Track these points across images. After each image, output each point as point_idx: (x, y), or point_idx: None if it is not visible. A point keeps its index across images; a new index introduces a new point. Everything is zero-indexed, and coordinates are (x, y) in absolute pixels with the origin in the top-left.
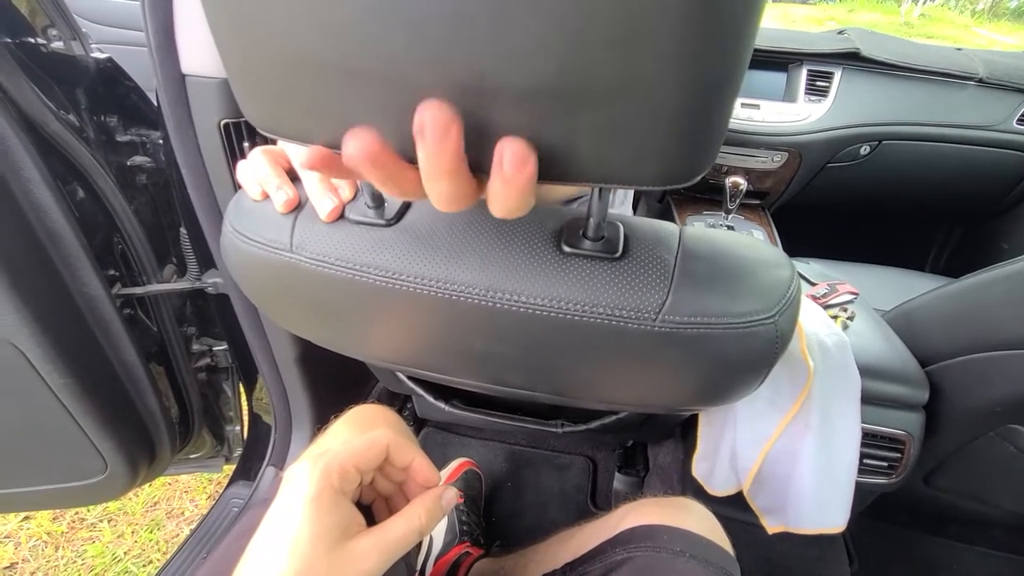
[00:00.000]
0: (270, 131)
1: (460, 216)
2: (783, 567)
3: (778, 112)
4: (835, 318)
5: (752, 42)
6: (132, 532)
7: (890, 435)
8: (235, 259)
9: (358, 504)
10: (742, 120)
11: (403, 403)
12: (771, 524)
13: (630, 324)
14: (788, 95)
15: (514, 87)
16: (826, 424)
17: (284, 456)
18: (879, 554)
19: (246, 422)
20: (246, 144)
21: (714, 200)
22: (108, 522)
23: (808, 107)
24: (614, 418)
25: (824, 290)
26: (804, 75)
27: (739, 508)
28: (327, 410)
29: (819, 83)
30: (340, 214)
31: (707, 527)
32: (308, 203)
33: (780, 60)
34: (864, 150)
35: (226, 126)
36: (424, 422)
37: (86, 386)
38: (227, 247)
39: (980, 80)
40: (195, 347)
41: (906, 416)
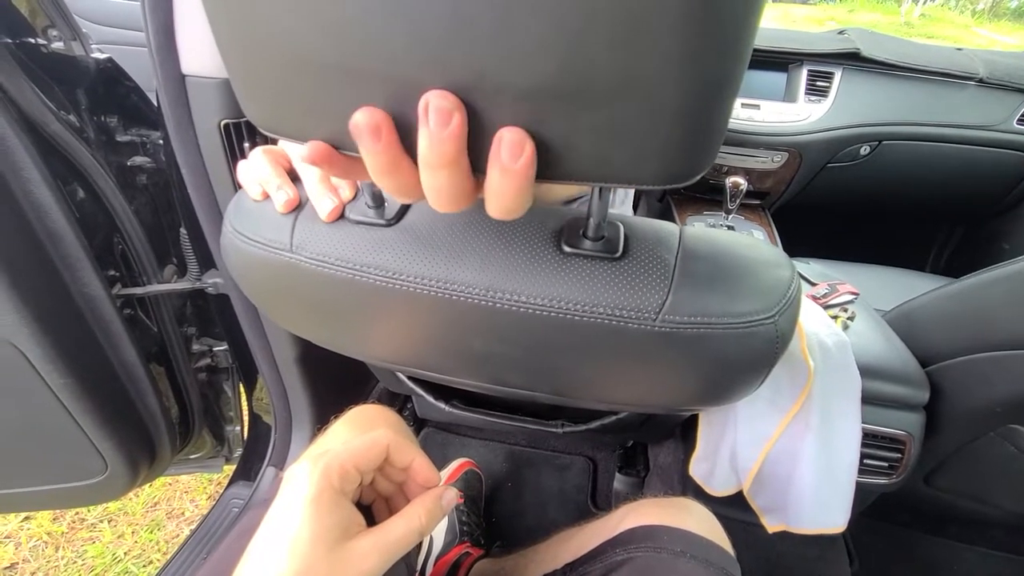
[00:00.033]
0: (271, 130)
1: (460, 216)
2: (783, 567)
3: (778, 112)
4: (835, 318)
5: (752, 42)
6: (132, 532)
7: (890, 435)
8: (235, 259)
9: (358, 504)
10: (742, 120)
11: (403, 403)
12: (771, 523)
13: (630, 324)
14: (788, 95)
15: (514, 87)
16: (826, 424)
17: (284, 456)
18: (879, 554)
19: (246, 422)
20: (246, 144)
21: (714, 200)
22: (108, 522)
23: (808, 107)
24: (614, 418)
25: (824, 290)
26: (804, 75)
27: (739, 508)
28: (327, 410)
29: (819, 83)
30: (340, 214)
31: (707, 527)
32: (308, 203)
33: (780, 60)
34: (864, 150)
35: (226, 126)
36: (424, 422)
37: (86, 386)
38: (227, 247)
39: (980, 80)
40: (195, 347)
41: (906, 416)
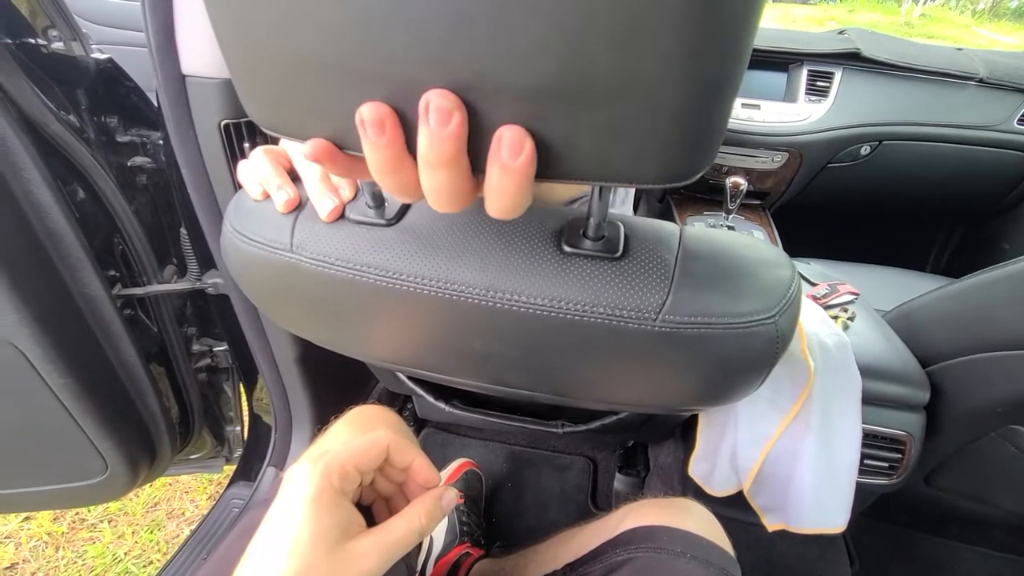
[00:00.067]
0: (272, 129)
1: (460, 216)
2: (783, 567)
3: (778, 112)
4: (836, 318)
5: (752, 41)
6: (132, 533)
7: (891, 435)
8: (235, 259)
9: (358, 505)
10: (742, 120)
11: (403, 403)
12: (771, 523)
13: (630, 324)
14: (788, 95)
15: (514, 86)
16: (827, 424)
17: (284, 456)
18: (880, 554)
19: (246, 422)
20: (246, 144)
21: (715, 200)
22: (108, 523)
23: (808, 107)
24: (614, 418)
25: (825, 290)
26: (804, 75)
27: (739, 508)
28: (327, 410)
29: (819, 83)
30: (340, 214)
31: (707, 528)
32: (308, 203)
33: (780, 60)
34: (864, 150)
35: (226, 126)
36: (424, 422)
37: (86, 386)
38: (227, 247)
39: (980, 80)
40: (195, 347)
41: (907, 416)
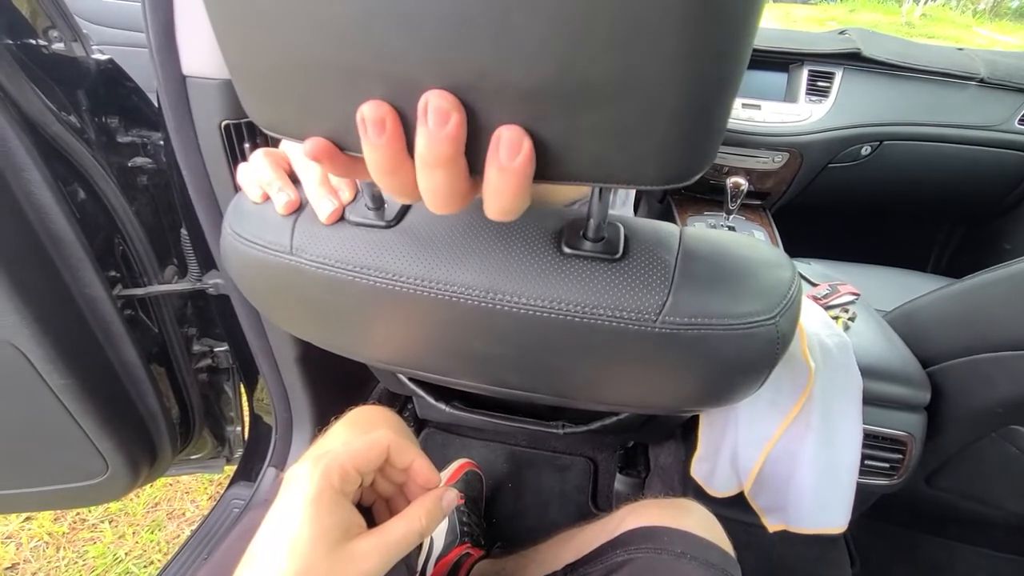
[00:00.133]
0: (271, 129)
1: (460, 217)
2: (784, 568)
3: (779, 112)
4: (836, 319)
5: (752, 41)
6: (133, 533)
7: (892, 436)
8: (235, 261)
9: (359, 506)
10: (743, 120)
11: (403, 404)
12: (772, 523)
13: (630, 325)
14: (789, 95)
15: (514, 87)
16: (827, 425)
17: (285, 457)
18: (881, 555)
19: (247, 423)
20: (247, 145)
21: (715, 200)
22: (109, 523)
23: (809, 107)
24: (615, 419)
25: (825, 291)
26: (805, 75)
27: (740, 509)
28: (328, 411)
29: (820, 83)
30: (340, 216)
31: (708, 528)
32: (308, 206)
33: (781, 60)
34: (865, 150)
35: (227, 127)
36: (425, 423)
37: (87, 387)
38: (227, 249)
39: (981, 80)
40: (196, 348)
41: (908, 417)
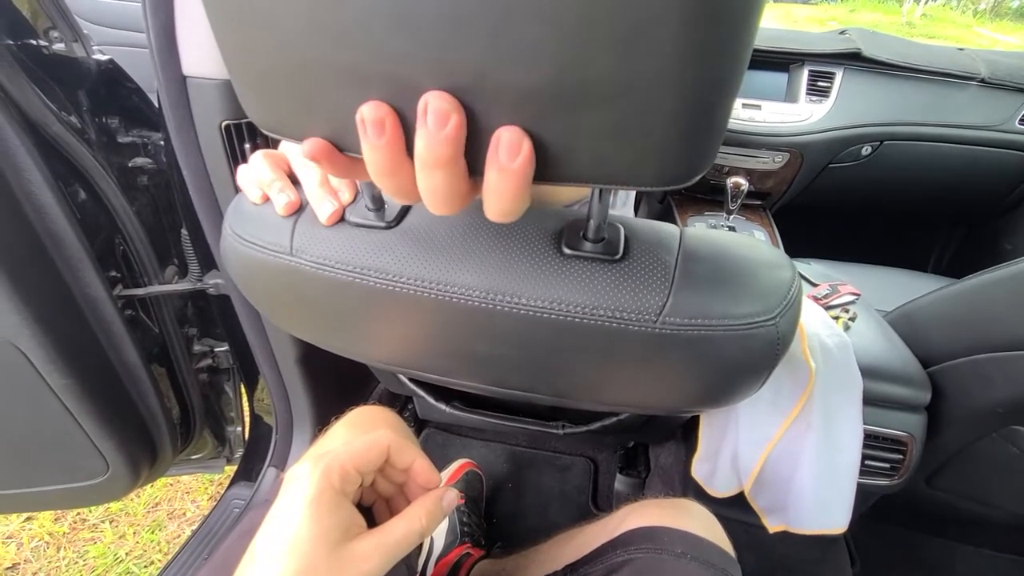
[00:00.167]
0: (271, 130)
1: (460, 218)
2: (784, 568)
3: (779, 112)
4: (837, 319)
5: (752, 41)
6: (134, 533)
7: (892, 436)
8: (235, 262)
9: (359, 506)
10: (743, 120)
11: (404, 404)
12: (772, 524)
13: (631, 326)
14: (789, 95)
15: (513, 88)
16: (828, 425)
17: (285, 457)
18: (881, 555)
19: (247, 423)
20: (247, 145)
21: (715, 201)
22: (110, 523)
23: (809, 107)
24: (615, 419)
25: (826, 291)
26: (805, 75)
27: (740, 509)
28: (328, 411)
29: (820, 83)
30: (340, 217)
31: (708, 528)
32: (308, 207)
33: (781, 60)
34: (866, 150)
35: (227, 127)
36: (425, 423)
37: (87, 387)
38: (227, 250)
39: (982, 80)
40: (196, 348)
41: (908, 417)
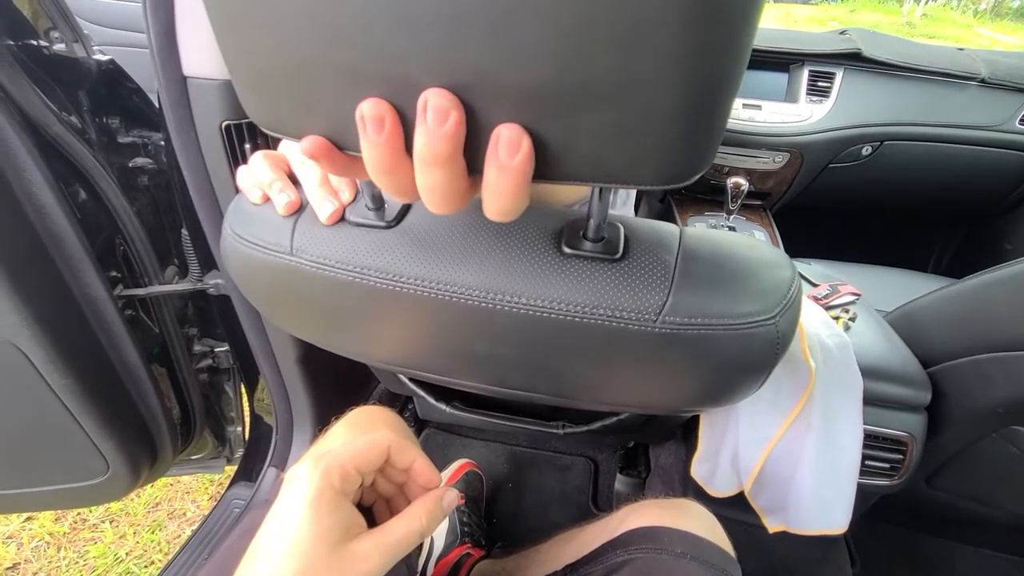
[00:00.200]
0: (271, 129)
1: (460, 217)
2: (784, 568)
3: (779, 113)
4: (837, 319)
5: (751, 41)
6: (134, 533)
7: (892, 436)
8: (235, 262)
9: (359, 506)
10: (743, 121)
11: (404, 404)
12: (772, 524)
13: (631, 325)
14: (789, 96)
15: (513, 87)
16: (828, 425)
17: (285, 457)
18: (881, 556)
19: (247, 423)
20: (247, 146)
21: (716, 201)
22: (110, 523)
23: (809, 107)
24: (615, 419)
25: (826, 291)
26: (806, 75)
27: (740, 509)
28: (328, 411)
29: (820, 83)
30: (340, 217)
31: (708, 528)
32: (308, 206)
33: (781, 60)
34: (866, 150)
35: (227, 128)
36: (425, 423)
37: (88, 387)
38: (227, 250)
39: (982, 80)
40: (197, 348)
41: (908, 417)
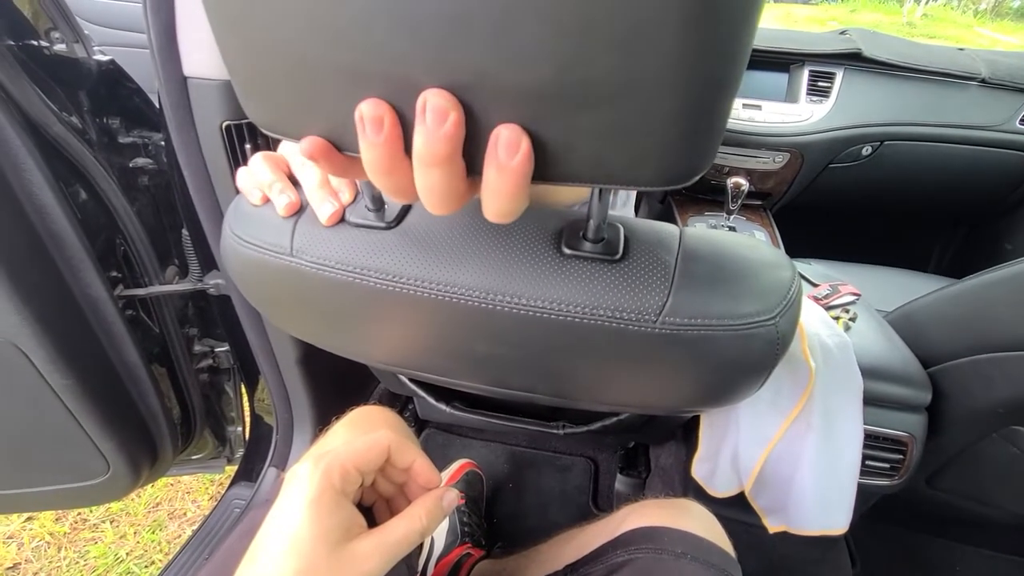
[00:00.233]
0: (271, 129)
1: (460, 218)
2: (785, 568)
3: (780, 113)
4: (837, 319)
5: (751, 42)
6: (134, 533)
7: (892, 436)
8: (235, 263)
9: (359, 506)
10: (744, 121)
11: (404, 404)
12: (772, 524)
13: (631, 326)
14: (790, 96)
15: (513, 88)
16: (828, 425)
17: (286, 457)
18: (881, 556)
19: (248, 423)
20: (247, 146)
21: (716, 201)
22: (110, 523)
23: (810, 107)
24: (615, 419)
25: (826, 291)
26: (806, 75)
27: (740, 509)
28: (328, 411)
29: (821, 83)
30: (341, 218)
31: (708, 528)
32: (308, 207)
33: (782, 61)
34: (866, 151)
35: (227, 128)
36: (425, 423)
37: (88, 387)
38: (227, 251)
39: (982, 80)
40: (197, 348)
41: (908, 417)
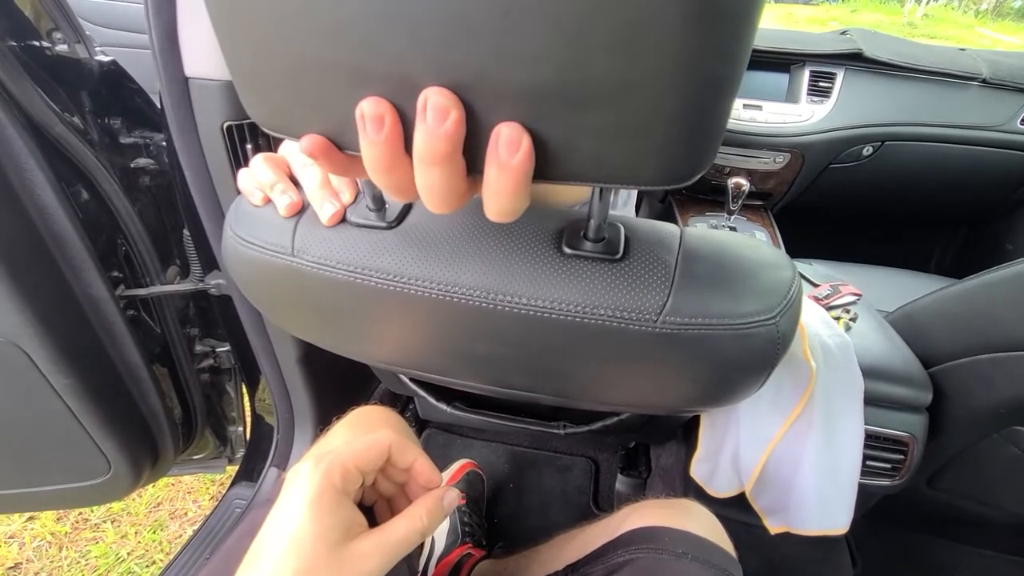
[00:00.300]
0: (273, 129)
1: (461, 218)
2: (785, 569)
3: (780, 113)
4: (838, 319)
5: (752, 41)
6: (135, 533)
7: (893, 437)
8: (236, 263)
9: (360, 505)
10: (744, 121)
11: (405, 404)
12: (773, 525)
13: (631, 325)
14: (790, 96)
15: (513, 87)
16: (829, 425)
17: (287, 457)
18: (882, 556)
19: (249, 423)
20: (248, 146)
21: (716, 201)
22: (112, 523)
23: (810, 108)
24: (616, 419)
25: (827, 291)
26: (806, 76)
27: (741, 509)
28: (329, 411)
29: (821, 84)
30: (342, 218)
31: (709, 528)
32: (309, 207)
33: (782, 61)
34: (867, 151)
35: (229, 128)
36: (426, 423)
37: (90, 387)
38: (228, 251)
39: (983, 80)
40: (198, 348)
41: (909, 418)
